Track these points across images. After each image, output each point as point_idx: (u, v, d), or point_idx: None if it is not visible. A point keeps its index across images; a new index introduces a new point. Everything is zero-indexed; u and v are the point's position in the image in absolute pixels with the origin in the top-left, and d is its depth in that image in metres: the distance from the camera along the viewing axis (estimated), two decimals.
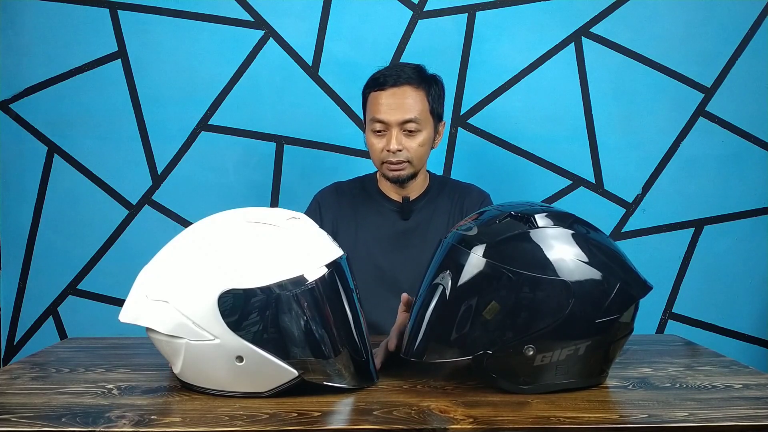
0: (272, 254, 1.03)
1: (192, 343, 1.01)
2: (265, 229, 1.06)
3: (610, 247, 1.10)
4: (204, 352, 1.01)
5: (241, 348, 0.99)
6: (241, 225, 1.07)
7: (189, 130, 2.03)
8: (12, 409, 0.96)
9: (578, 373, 1.05)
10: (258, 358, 1.00)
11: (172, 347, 1.04)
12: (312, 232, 1.10)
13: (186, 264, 1.04)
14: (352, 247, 1.59)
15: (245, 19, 2.02)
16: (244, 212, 1.10)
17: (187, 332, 1.01)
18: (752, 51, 2.03)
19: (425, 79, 1.57)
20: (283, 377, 1.01)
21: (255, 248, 1.03)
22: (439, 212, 1.62)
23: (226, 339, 0.99)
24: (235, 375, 1.01)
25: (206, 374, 1.03)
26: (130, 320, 1.06)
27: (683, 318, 2.09)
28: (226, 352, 1.00)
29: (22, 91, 2.01)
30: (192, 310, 1.01)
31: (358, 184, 1.69)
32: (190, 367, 1.04)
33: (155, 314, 1.03)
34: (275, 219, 1.08)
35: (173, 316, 1.02)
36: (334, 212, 1.63)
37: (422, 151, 1.56)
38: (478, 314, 1.02)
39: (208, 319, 1.00)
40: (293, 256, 1.04)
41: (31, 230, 2.03)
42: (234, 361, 1.00)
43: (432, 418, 0.93)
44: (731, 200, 2.06)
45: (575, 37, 2.03)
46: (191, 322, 1.01)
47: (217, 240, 1.05)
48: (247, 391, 1.02)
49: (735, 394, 1.05)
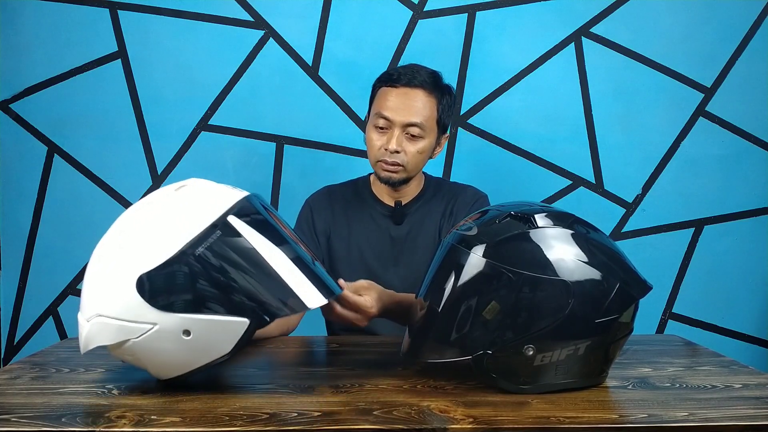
0: (169, 223, 1.01)
1: (137, 341, 1.00)
2: (153, 207, 1.05)
3: (610, 247, 1.10)
4: (152, 344, 1.00)
5: (180, 323, 0.98)
6: (135, 211, 1.07)
7: (189, 130, 2.03)
8: (12, 409, 0.96)
9: (578, 373, 1.05)
10: (202, 325, 0.98)
11: (128, 353, 1.03)
12: (207, 189, 1.08)
13: (98, 271, 1.03)
14: (345, 252, 1.58)
15: (245, 19, 2.02)
16: (137, 202, 1.09)
17: (127, 333, 1.00)
18: (752, 51, 2.03)
19: (439, 87, 1.54)
20: (237, 331, 0.99)
21: (150, 225, 1.02)
22: (432, 216, 1.59)
23: (163, 320, 0.98)
24: (191, 350, 1.00)
25: (171, 363, 1.02)
26: (83, 349, 1.04)
27: (683, 318, 2.09)
28: (170, 334, 0.98)
29: (22, 91, 2.01)
30: (119, 309, 0.99)
31: (350, 187, 1.66)
32: (155, 364, 1.03)
33: (97, 332, 1.02)
34: (160, 195, 1.07)
35: (109, 324, 1.00)
36: (326, 217, 1.61)
37: (419, 159, 1.52)
38: (478, 314, 1.02)
39: (137, 311, 0.98)
40: (191, 216, 1.01)
41: (31, 230, 2.03)
42: (183, 338, 0.98)
43: (432, 418, 0.93)
44: (731, 200, 2.06)
45: (575, 37, 2.03)
46: (125, 322, 0.99)
47: (115, 237, 1.05)
48: (213, 360, 1.01)
49: (735, 394, 1.05)
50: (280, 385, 1.08)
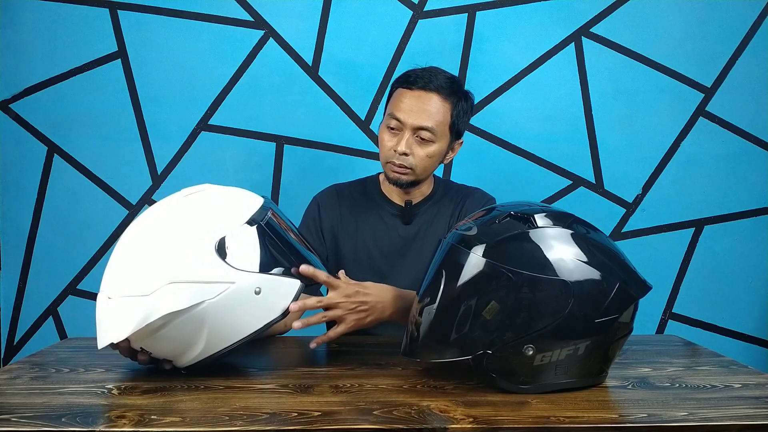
0: (228, 201, 1.14)
1: (214, 301, 1.04)
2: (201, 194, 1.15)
3: (610, 247, 1.10)
4: (228, 304, 1.05)
5: (255, 281, 1.07)
6: (177, 201, 1.14)
7: (189, 130, 2.03)
8: (12, 409, 0.96)
9: (578, 372, 1.05)
10: (271, 283, 1.09)
11: (194, 322, 1.04)
12: (223, 191, 1.18)
13: (160, 245, 1.07)
14: (352, 250, 1.58)
15: (245, 19, 2.02)
16: (167, 199, 1.16)
17: (204, 294, 1.04)
18: (752, 51, 2.03)
19: (455, 93, 1.52)
20: (292, 291, 1.12)
21: (212, 204, 1.13)
22: (441, 217, 1.59)
23: (240, 279, 1.06)
24: (257, 310, 1.08)
25: (234, 328, 1.07)
26: (134, 327, 1.02)
27: (683, 318, 2.09)
28: (244, 293, 1.06)
29: (22, 91, 2.01)
30: (197, 273, 1.04)
31: (359, 186, 1.65)
32: (217, 332, 1.06)
33: (166, 299, 1.03)
34: (192, 189, 1.17)
35: (184, 289, 1.03)
36: (334, 215, 1.61)
37: (429, 163, 1.51)
38: (477, 314, 1.02)
39: (217, 272, 1.05)
40: (244, 197, 1.16)
41: (31, 230, 2.03)
42: (253, 296, 1.07)
43: (432, 417, 0.93)
44: (731, 200, 2.06)
45: (575, 37, 2.04)
46: (203, 284, 1.04)
47: (168, 215, 1.11)
48: (270, 321, 1.09)
49: (734, 394, 1.05)
50: (280, 385, 1.08)
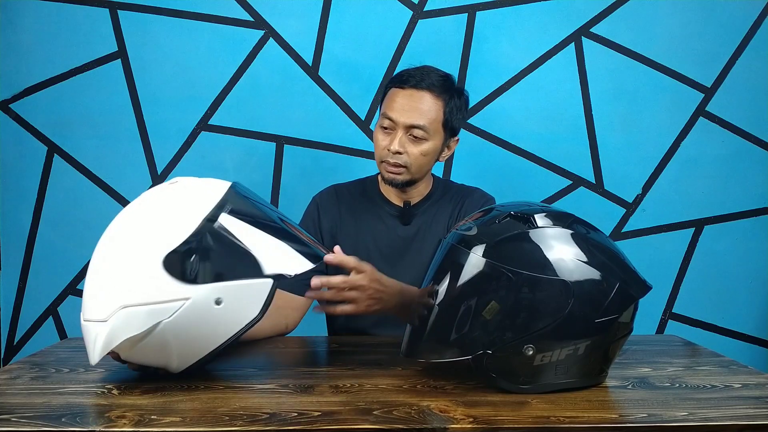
0: (180, 204, 1.07)
1: (170, 321, 1.00)
2: (152, 198, 1.10)
3: (610, 247, 1.10)
4: (185, 320, 1.01)
5: (211, 292, 1.01)
6: (132, 210, 1.09)
7: (189, 130, 2.03)
8: (12, 409, 0.96)
9: (578, 372, 1.05)
10: (232, 290, 1.02)
11: (156, 342, 1.02)
12: (197, 181, 1.14)
13: (109, 267, 1.04)
14: (352, 251, 1.57)
15: (245, 19, 2.02)
16: (127, 207, 1.12)
17: (159, 314, 1.00)
18: (752, 51, 2.03)
19: (448, 90, 1.53)
20: (263, 291, 1.04)
21: (160, 211, 1.07)
22: (440, 217, 1.59)
23: (195, 293, 1.00)
24: (223, 319, 1.02)
25: (202, 340, 1.04)
26: (104, 350, 1.02)
27: (683, 318, 2.09)
28: (202, 306, 1.01)
29: (22, 91, 2.01)
30: (148, 294, 1.00)
31: (358, 187, 1.66)
32: (185, 346, 1.04)
33: (124, 324, 1.01)
34: (156, 189, 1.13)
35: (137, 312, 1.00)
36: (333, 216, 1.61)
37: (424, 161, 1.52)
38: (477, 314, 1.02)
39: (167, 290, 1.00)
40: (199, 197, 1.08)
41: (31, 230, 2.03)
42: (215, 308, 1.01)
43: (432, 417, 0.93)
44: (731, 200, 2.06)
45: (575, 37, 2.04)
46: (155, 304, 1.00)
47: (118, 232, 1.07)
48: (244, 326, 1.04)
49: (734, 394, 1.05)
50: (280, 385, 1.08)
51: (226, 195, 1.08)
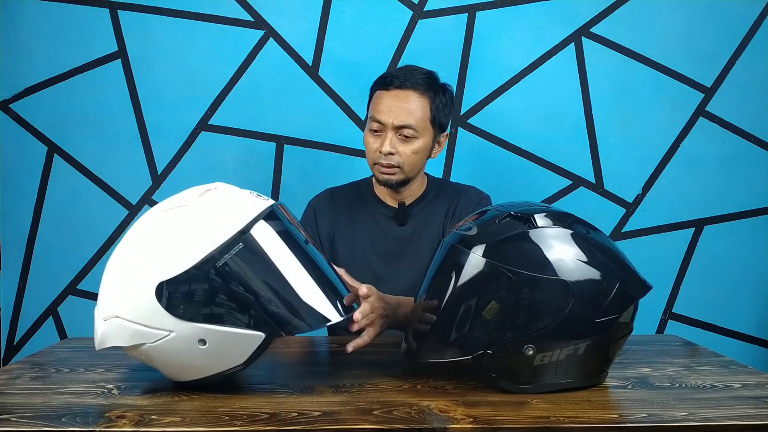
0: (191, 231, 1.01)
1: (152, 346, 1.01)
2: (177, 212, 1.04)
3: (610, 247, 1.10)
4: (167, 350, 1.01)
5: (196, 333, 0.99)
6: (159, 213, 1.06)
7: (189, 130, 2.03)
8: (12, 409, 0.97)
9: (578, 372, 1.05)
10: (218, 335, 0.99)
11: (142, 355, 1.04)
12: (231, 196, 1.07)
13: (118, 273, 1.04)
14: (349, 254, 1.58)
15: (245, 19, 2.02)
16: (162, 204, 1.09)
17: (143, 337, 1.01)
18: (752, 51, 2.03)
19: (432, 87, 1.53)
20: (252, 343, 1.00)
21: (173, 232, 1.02)
22: (436, 216, 1.59)
23: (179, 329, 0.99)
24: (206, 358, 1.01)
25: (183, 368, 1.03)
26: (98, 346, 1.05)
27: (683, 318, 2.09)
28: (186, 342, 0.99)
29: (22, 91, 2.01)
30: (137, 314, 1.00)
31: (353, 189, 1.66)
32: (168, 367, 1.04)
33: (113, 332, 1.03)
34: (185, 199, 1.06)
35: (125, 326, 1.01)
36: (330, 219, 1.61)
37: (416, 159, 1.52)
38: (477, 314, 1.02)
39: (154, 317, 0.99)
40: (213, 226, 1.01)
41: (31, 230, 2.03)
42: (198, 347, 0.99)
43: (432, 417, 0.93)
44: (731, 200, 2.06)
45: (575, 37, 2.04)
46: (141, 326, 1.00)
47: (139, 239, 1.05)
48: (226, 369, 1.02)
49: (734, 394, 1.05)
50: (280, 385, 1.08)
51: (244, 228, 1.01)
